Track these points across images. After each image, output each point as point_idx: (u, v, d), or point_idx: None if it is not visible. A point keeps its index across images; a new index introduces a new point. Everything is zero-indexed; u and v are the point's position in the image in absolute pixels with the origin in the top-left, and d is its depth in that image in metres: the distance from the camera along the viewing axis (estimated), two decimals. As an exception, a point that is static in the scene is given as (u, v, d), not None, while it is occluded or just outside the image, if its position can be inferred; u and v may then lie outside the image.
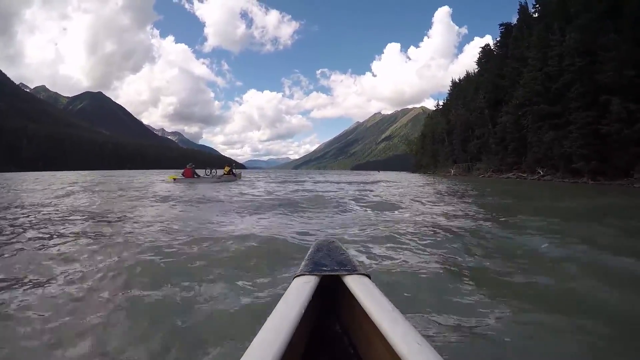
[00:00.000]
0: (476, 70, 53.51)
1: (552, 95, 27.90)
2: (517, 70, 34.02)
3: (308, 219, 6.05)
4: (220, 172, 22.63)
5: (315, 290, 1.04)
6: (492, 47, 50.36)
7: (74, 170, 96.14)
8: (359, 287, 1.03)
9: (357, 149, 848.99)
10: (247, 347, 0.73)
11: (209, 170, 22.56)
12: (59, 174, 48.21)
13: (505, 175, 33.66)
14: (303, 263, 1.24)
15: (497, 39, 48.17)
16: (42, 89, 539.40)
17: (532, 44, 31.47)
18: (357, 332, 1.10)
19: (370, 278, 1.12)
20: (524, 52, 33.50)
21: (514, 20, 45.47)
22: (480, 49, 53.15)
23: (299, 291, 1.01)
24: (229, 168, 22.86)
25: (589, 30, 25.24)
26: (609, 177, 23.10)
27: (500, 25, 47.52)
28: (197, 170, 20.54)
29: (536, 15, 38.91)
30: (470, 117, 43.94)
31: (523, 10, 42.60)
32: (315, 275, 1.12)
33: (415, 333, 0.79)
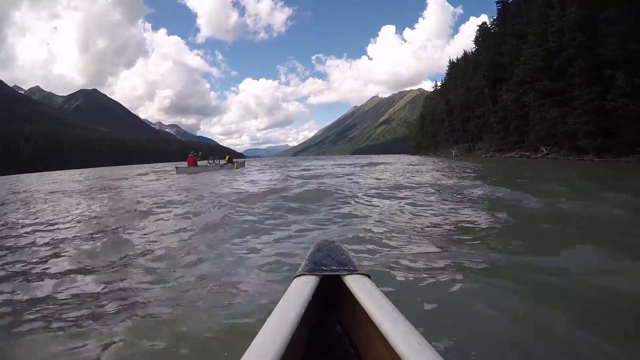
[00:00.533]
0: (474, 50, 52.95)
1: (554, 72, 27.46)
2: (517, 47, 33.40)
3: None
4: (222, 161, 22.75)
5: (315, 290, 1.05)
6: (489, 26, 49.81)
7: (73, 169, 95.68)
8: (359, 287, 1.04)
9: (356, 133, 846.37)
10: (247, 347, 0.74)
11: (211, 159, 22.70)
12: (54, 174, 47.99)
13: (508, 155, 33.42)
14: (303, 263, 1.25)
15: (494, 17, 47.51)
16: (37, 89, 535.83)
17: (531, 20, 30.86)
18: (357, 332, 1.11)
19: (370, 278, 1.13)
20: (523, 28, 32.89)
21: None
22: (478, 28, 52.49)
23: (299, 291, 1.01)
24: (229, 156, 22.98)
25: (589, 4, 24.69)
26: (614, 154, 22.86)
27: (497, 2, 46.64)
28: (200, 160, 20.62)
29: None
30: (470, 97, 43.45)
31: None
32: (316, 275, 1.13)
33: (416, 333, 0.80)
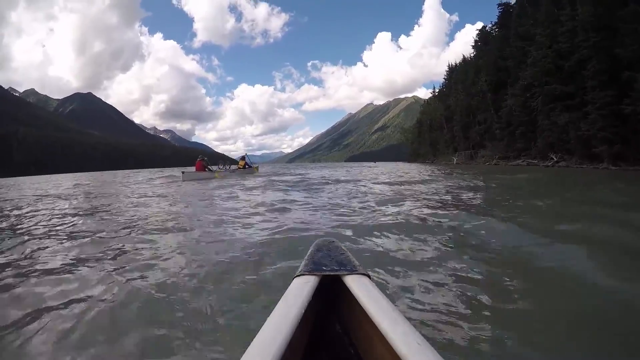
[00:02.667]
0: (472, 55, 51.82)
1: (564, 74, 25.87)
2: (523, 49, 31.92)
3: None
4: (234, 166, 21.17)
5: (315, 290, 1.04)
6: (489, 30, 48.64)
7: (66, 172, 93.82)
8: (359, 287, 1.03)
9: (351, 140, 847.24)
10: (247, 347, 0.74)
11: (221, 164, 20.57)
12: (53, 177, 45.70)
13: (514, 163, 31.53)
14: (303, 263, 1.22)
15: (494, 21, 46.49)
16: (32, 92, 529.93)
17: (539, 21, 29.33)
18: (357, 332, 1.09)
19: (370, 278, 1.11)
20: (530, 30, 31.41)
21: (512, 0, 43.73)
22: (477, 32, 51.47)
23: (299, 291, 1.00)
24: (244, 162, 21.00)
25: (602, 2, 23.17)
26: (631, 162, 21.17)
27: (499, 5, 45.46)
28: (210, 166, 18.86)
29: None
30: (471, 102, 41.78)
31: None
32: (315, 275, 1.12)
33: (415, 333, 0.79)
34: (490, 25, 48.48)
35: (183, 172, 17.05)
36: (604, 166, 22.28)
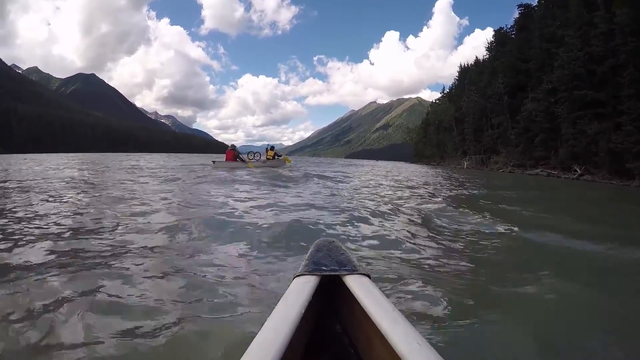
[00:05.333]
0: (486, 57, 49.93)
1: (596, 80, 23.91)
2: (548, 51, 29.91)
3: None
4: (263, 157, 19.35)
5: (315, 290, 1.04)
6: (506, 31, 46.78)
7: (64, 152, 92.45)
8: (359, 287, 1.04)
9: (352, 137, 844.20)
10: (247, 347, 0.74)
11: (252, 154, 19.14)
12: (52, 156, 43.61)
13: (532, 172, 29.47)
14: (303, 263, 1.23)
15: (511, 23, 44.68)
16: (35, 70, 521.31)
17: (569, 22, 27.28)
18: (357, 332, 1.10)
19: (370, 278, 1.12)
20: (556, 31, 29.33)
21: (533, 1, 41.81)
22: (494, 33, 49.53)
23: (299, 291, 1.01)
24: (273, 152, 19.33)
25: (642, 4, 21.24)
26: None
27: (519, 6, 43.45)
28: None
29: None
30: (486, 104, 39.76)
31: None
32: (315, 275, 1.12)
33: (415, 333, 0.80)
34: (507, 27, 46.82)
35: (214, 162, 16.29)
36: (636, 184, 20.40)
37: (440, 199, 8.63)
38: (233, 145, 17.24)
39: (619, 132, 21.74)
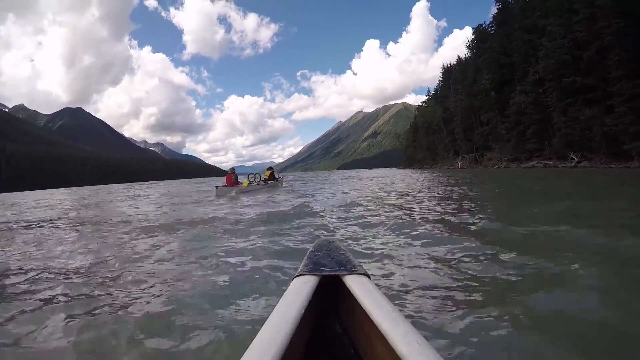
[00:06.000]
0: (468, 55, 50.05)
1: (583, 66, 23.55)
2: (530, 42, 29.71)
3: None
4: (263, 177, 18.60)
5: (315, 290, 1.03)
6: (485, 28, 46.97)
7: (56, 188, 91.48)
8: (359, 287, 1.03)
9: (342, 148, 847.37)
10: (247, 347, 0.73)
11: (252, 176, 18.49)
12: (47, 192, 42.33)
13: (528, 165, 28.91)
14: (303, 263, 1.22)
15: (492, 16, 44.78)
16: (21, 107, 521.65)
17: (549, 10, 27.06)
18: (357, 332, 1.09)
19: (370, 278, 1.11)
20: (537, 21, 29.18)
21: None
22: (473, 31, 49.69)
23: (298, 291, 1.00)
24: (269, 172, 18.59)
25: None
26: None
27: (497, 1, 43.64)
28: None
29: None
30: (473, 102, 39.42)
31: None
32: (315, 275, 1.11)
33: (416, 333, 0.79)
34: (486, 24, 47.01)
35: (217, 187, 15.26)
36: (636, 164, 19.85)
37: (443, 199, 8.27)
38: (232, 169, 16.75)
39: (612, 114, 21.29)
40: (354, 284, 1.04)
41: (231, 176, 16.12)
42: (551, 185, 11.48)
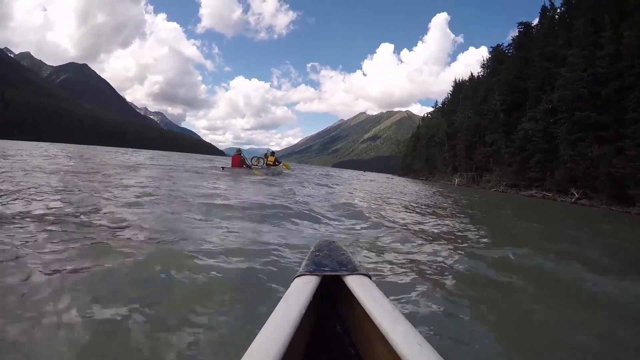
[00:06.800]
0: (481, 73, 49.77)
1: (600, 102, 23.05)
2: (548, 70, 29.15)
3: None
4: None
5: (315, 290, 1.04)
6: (503, 49, 46.46)
7: (48, 142, 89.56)
8: (360, 287, 1.03)
9: (340, 146, 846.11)
10: (247, 347, 0.74)
11: (255, 159, 17.83)
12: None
13: (526, 193, 28.40)
14: (304, 263, 1.23)
15: (512, 38, 44.45)
16: (27, 55, 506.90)
17: (574, 41, 26.48)
18: (357, 332, 1.10)
19: (370, 278, 1.12)
20: (558, 50, 28.63)
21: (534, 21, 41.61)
22: (491, 49, 49.15)
23: (299, 291, 1.01)
24: (274, 158, 17.93)
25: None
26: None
27: (519, 24, 43.09)
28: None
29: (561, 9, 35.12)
30: (480, 121, 38.89)
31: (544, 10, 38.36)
32: (316, 275, 1.11)
33: (416, 333, 0.80)
34: (505, 45, 46.51)
35: (223, 168, 15.38)
36: (636, 211, 19.43)
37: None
38: (239, 150, 15.95)
39: (621, 156, 20.84)
40: (355, 284, 1.04)
41: (238, 157, 15.50)
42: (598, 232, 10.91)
